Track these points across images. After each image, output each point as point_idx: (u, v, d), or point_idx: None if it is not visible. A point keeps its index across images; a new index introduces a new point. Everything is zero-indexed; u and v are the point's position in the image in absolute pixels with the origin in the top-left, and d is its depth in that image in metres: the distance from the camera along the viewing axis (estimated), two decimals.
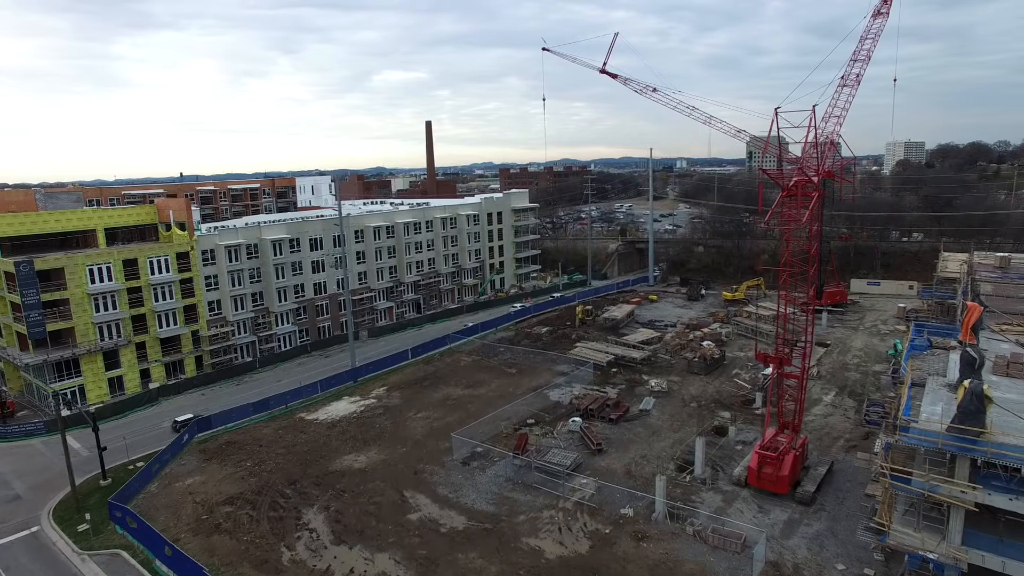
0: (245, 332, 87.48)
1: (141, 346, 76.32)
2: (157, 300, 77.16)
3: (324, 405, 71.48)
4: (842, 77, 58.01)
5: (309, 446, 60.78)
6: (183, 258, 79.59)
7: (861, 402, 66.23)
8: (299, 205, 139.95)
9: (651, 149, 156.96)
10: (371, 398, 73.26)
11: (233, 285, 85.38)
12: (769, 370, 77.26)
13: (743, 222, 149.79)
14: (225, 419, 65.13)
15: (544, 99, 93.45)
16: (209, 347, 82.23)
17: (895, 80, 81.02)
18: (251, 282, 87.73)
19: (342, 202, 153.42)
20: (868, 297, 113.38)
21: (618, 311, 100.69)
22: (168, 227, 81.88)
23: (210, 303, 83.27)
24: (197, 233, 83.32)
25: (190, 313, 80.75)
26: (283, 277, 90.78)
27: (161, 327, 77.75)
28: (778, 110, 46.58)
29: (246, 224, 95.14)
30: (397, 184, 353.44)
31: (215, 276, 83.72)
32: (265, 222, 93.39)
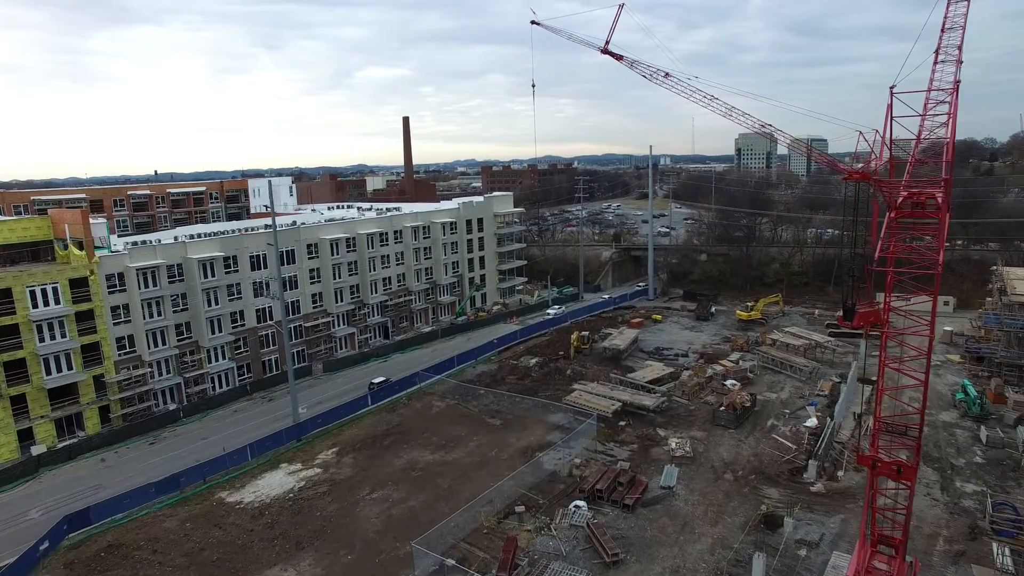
0: (167, 372, 71.19)
1: (20, 399, 59.70)
2: (43, 340, 60.63)
3: (255, 478, 55.55)
4: (936, 51, 43.59)
5: (222, 551, 44.90)
6: (80, 285, 63.13)
7: (943, 472, 51.88)
8: (252, 211, 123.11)
9: (651, 146, 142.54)
10: (315, 466, 57.49)
11: (150, 316, 69.01)
12: (812, 422, 63.27)
13: (751, 226, 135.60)
14: (114, 507, 48.90)
15: (534, 85, 78.90)
16: (118, 395, 65.86)
17: (960, 63, 67.14)
18: (175, 311, 71.39)
19: (304, 208, 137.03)
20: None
21: (620, 338, 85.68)
22: (66, 245, 65.38)
23: (119, 339, 66.88)
24: (103, 252, 66.85)
25: (91, 353, 64.34)
26: (216, 303, 74.50)
27: (49, 374, 61.24)
28: (894, 90, 31.80)
29: (175, 239, 78.61)
30: (374, 183, 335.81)
31: (126, 306, 67.32)
32: (192, 236, 76.97)
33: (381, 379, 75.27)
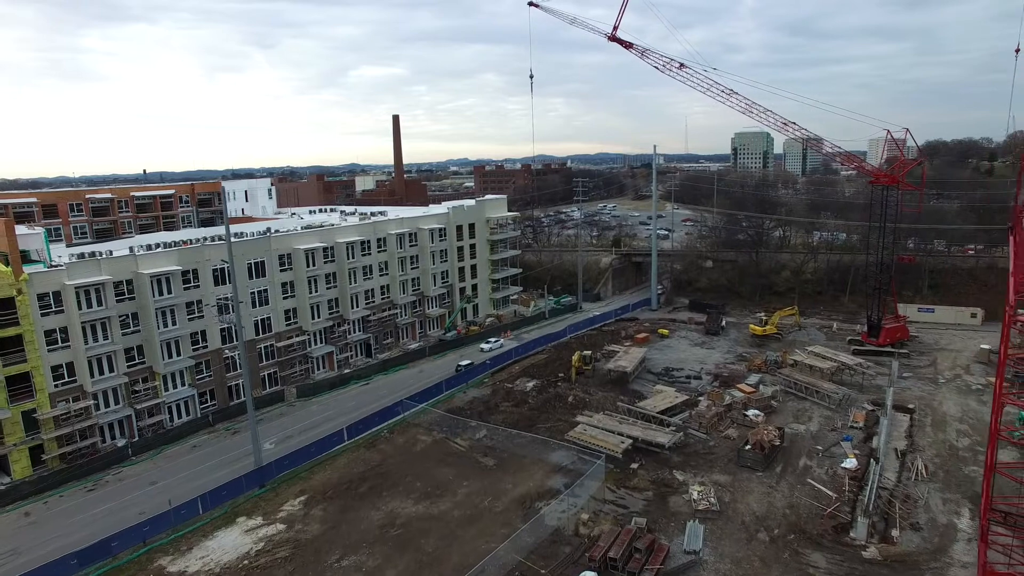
0: (115, 404, 62.69)
1: None
2: None
3: (205, 537, 47.21)
4: None
5: None
6: (5, 306, 54.58)
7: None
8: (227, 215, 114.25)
9: (655, 146, 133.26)
10: (278, 520, 49.21)
11: (94, 339, 60.47)
12: (851, 463, 55.45)
13: (759, 230, 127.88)
14: None
15: (532, 76, 71.72)
16: (54, 432, 57.36)
17: (1017, 51, 59.86)
18: (124, 333, 62.90)
19: (284, 212, 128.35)
20: (924, 328, 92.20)
21: (625, 358, 77.71)
22: None
23: (56, 368, 58.36)
24: (36, 268, 58.24)
25: (21, 385, 55.86)
26: (173, 323, 66.03)
27: None
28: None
29: (131, 250, 69.55)
30: (363, 183, 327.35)
31: (64, 329, 58.76)
32: (144, 248, 68.20)
33: (467, 362, 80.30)
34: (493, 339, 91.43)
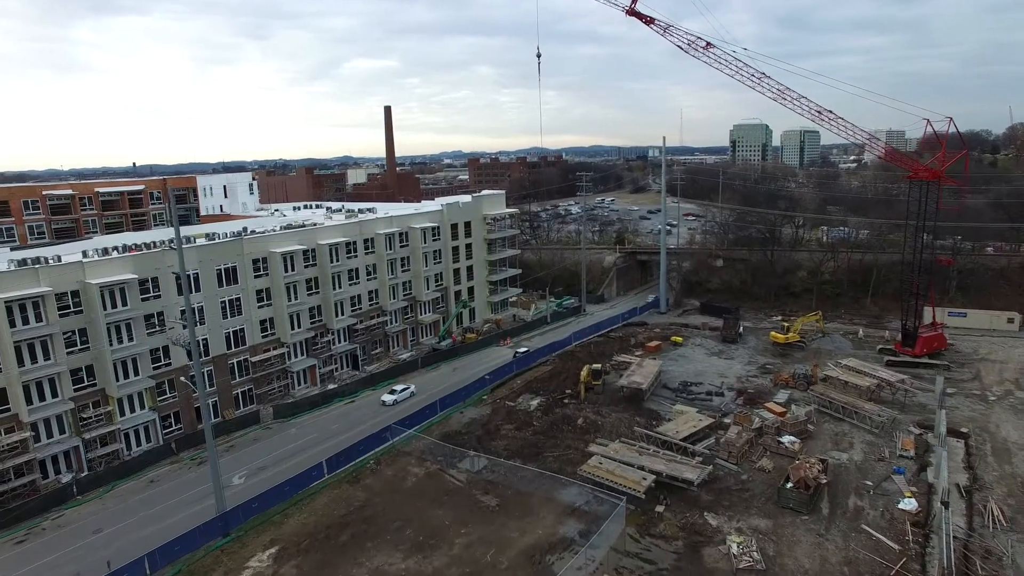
0: (60, 433, 54.70)
1: None
2: None
3: None
4: None
5: None
6: None
7: None
8: (203, 213, 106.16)
9: (664, 137, 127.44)
10: None
11: (31, 361, 52.38)
12: (909, 503, 48.20)
13: (772, 227, 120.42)
14: None
15: (539, 55, 64.51)
16: None
17: None
18: (69, 352, 54.82)
19: (265, 209, 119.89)
20: (957, 335, 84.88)
21: (639, 373, 70.08)
22: None
23: None
24: None
25: None
26: (129, 339, 57.98)
27: None
28: None
29: (85, 254, 61.22)
30: (355, 177, 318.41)
31: None
32: (100, 252, 59.90)
33: (524, 349, 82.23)
34: (400, 387, 70.56)
